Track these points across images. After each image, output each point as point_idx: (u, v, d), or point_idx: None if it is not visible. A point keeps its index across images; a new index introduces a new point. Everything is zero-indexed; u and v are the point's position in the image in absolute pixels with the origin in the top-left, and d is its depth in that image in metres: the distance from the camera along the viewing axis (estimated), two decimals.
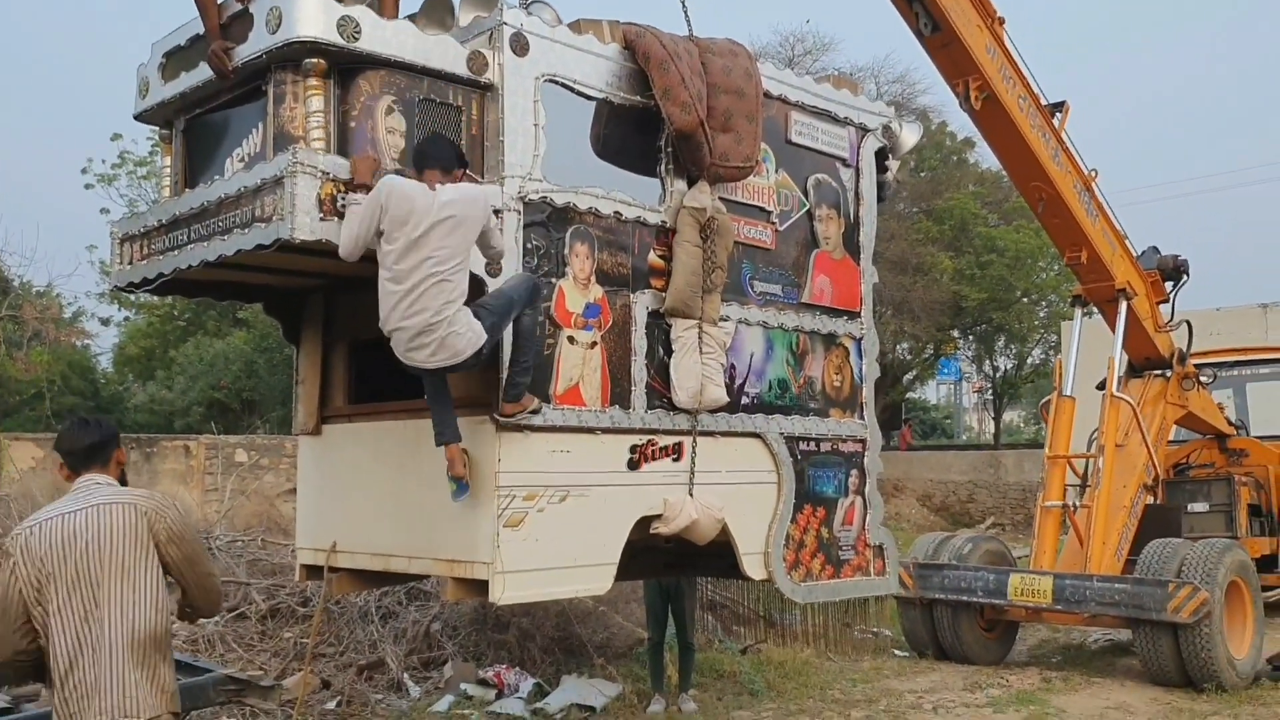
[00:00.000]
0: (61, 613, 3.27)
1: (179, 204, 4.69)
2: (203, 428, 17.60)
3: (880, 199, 6.65)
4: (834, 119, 6.26)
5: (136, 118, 5.25)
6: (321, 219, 4.06)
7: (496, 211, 4.55)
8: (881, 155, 6.60)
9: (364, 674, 7.74)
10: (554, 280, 4.81)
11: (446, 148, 4.45)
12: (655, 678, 7.76)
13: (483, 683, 7.77)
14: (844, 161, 6.34)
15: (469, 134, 4.68)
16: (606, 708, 7.51)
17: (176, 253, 4.67)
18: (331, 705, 7.29)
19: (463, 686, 7.67)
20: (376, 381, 5.58)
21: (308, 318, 5.82)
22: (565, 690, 7.68)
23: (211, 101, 4.86)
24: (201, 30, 4.72)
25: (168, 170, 5.25)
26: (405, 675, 7.75)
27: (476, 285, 4.53)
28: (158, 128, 5.30)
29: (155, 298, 24.64)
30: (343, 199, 4.19)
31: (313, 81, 4.28)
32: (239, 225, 4.28)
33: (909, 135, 6.97)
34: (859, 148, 6.42)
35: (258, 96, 4.54)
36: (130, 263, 5.02)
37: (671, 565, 6.95)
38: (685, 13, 5.61)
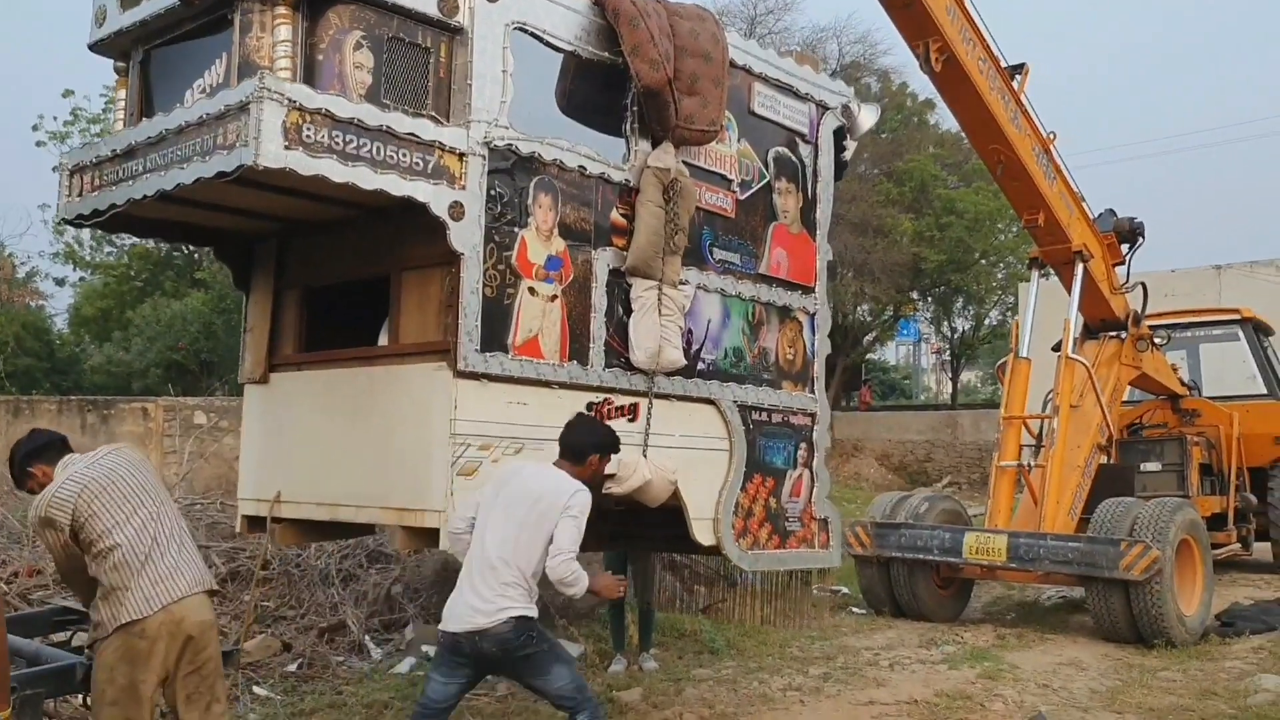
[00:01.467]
0: (131, 520, 3.96)
1: (135, 133, 4.56)
2: (161, 390, 17.26)
3: (837, 177, 6.71)
4: (796, 94, 6.29)
5: (91, 48, 5.09)
6: (287, 147, 3.97)
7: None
8: (840, 134, 6.65)
9: (325, 636, 7.66)
10: (516, 230, 4.77)
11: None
12: (616, 638, 7.79)
13: None
14: (804, 137, 6.37)
15: (436, 76, 4.62)
16: None
17: (131, 183, 4.54)
18: (293, 668, 7.20)
19: (424, 648, 7.62)
20: (329, 328, 5.50)
21: (259, 263, 5.71)
22: None
23: (172, 32, 4.74)
24: None
25: (122, 103, 5.11)
26: (366, 637, 7.69)
27: (441, 229, 4.49)
28: (114, 60, 5.15)
29: (111, 256, 24.28)
30: None
31: (281, 10, 4.20)
32: (199, 153, 4.16)
33: (867, 116, 7.04)
34: (818, 125, 6.46)
35: (221, 28, 4.43)
36: (80, 194, 4.86)
37: (616, 537, 6.96)
38: None
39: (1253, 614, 9.56)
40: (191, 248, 22.19)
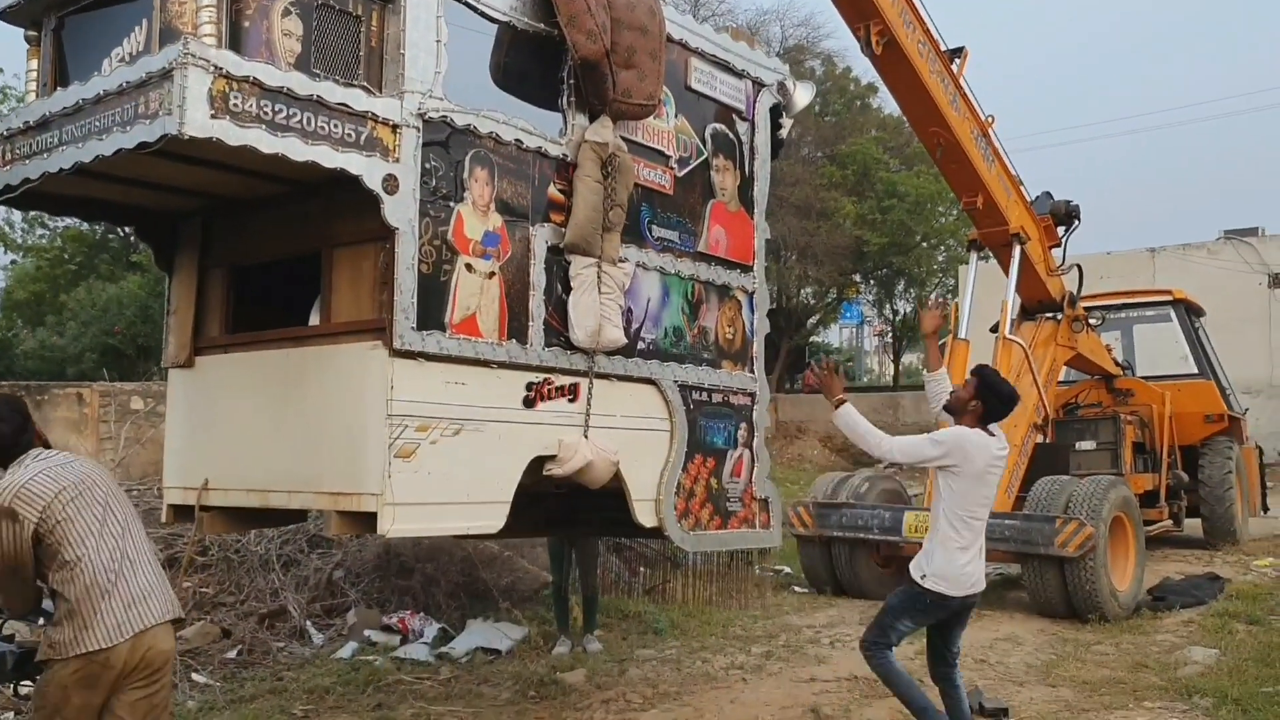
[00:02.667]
0: (102, 534, 3.72)
1: (49, 103, 4.34)
2: (96, 375, 16.74)
3: (773, 156, 6.67)
4: (732, 70, 6.24)
5: (1, 15, 4.86)
6: (213, 116, 3.79)
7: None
8: (776, 112, 6.62)
9: (265, 622, 7.53)
10: (452, 204, 4.64)
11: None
12: (560, 620, 7.75)
13: (387, 629, 7.66)
14: (740, 114, 6.32)
15: (368, 45, 4.47)
16: (512, 651, 7.47)
17: (46, 156, 4.32)
18: (232, 654, 7.06)
19: (366, 633, 7.53)
20: (258, 309, 5.33)
21: (183, 242, 5.51)
22: (470, 634, 7.61)
23: None
24: None
25: (34, 75, 4.89)
26: (308, 623, 7.56)
27: (374, 204, 4.36)
28: (24, 29, 4.93)
29: (44, 239, 23.57)
30: None
31: None
32: (120, 123, 3.97)
33: (802, 94, 7.02)
34: (755, 101, 6.41)
35: None
36: None
37: (556, 522, 6.89)
38: None
39: (1183, 588, 9.77)
40: (127, 230, 21.67)
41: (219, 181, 4.78)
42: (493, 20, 4.94)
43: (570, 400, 5.19)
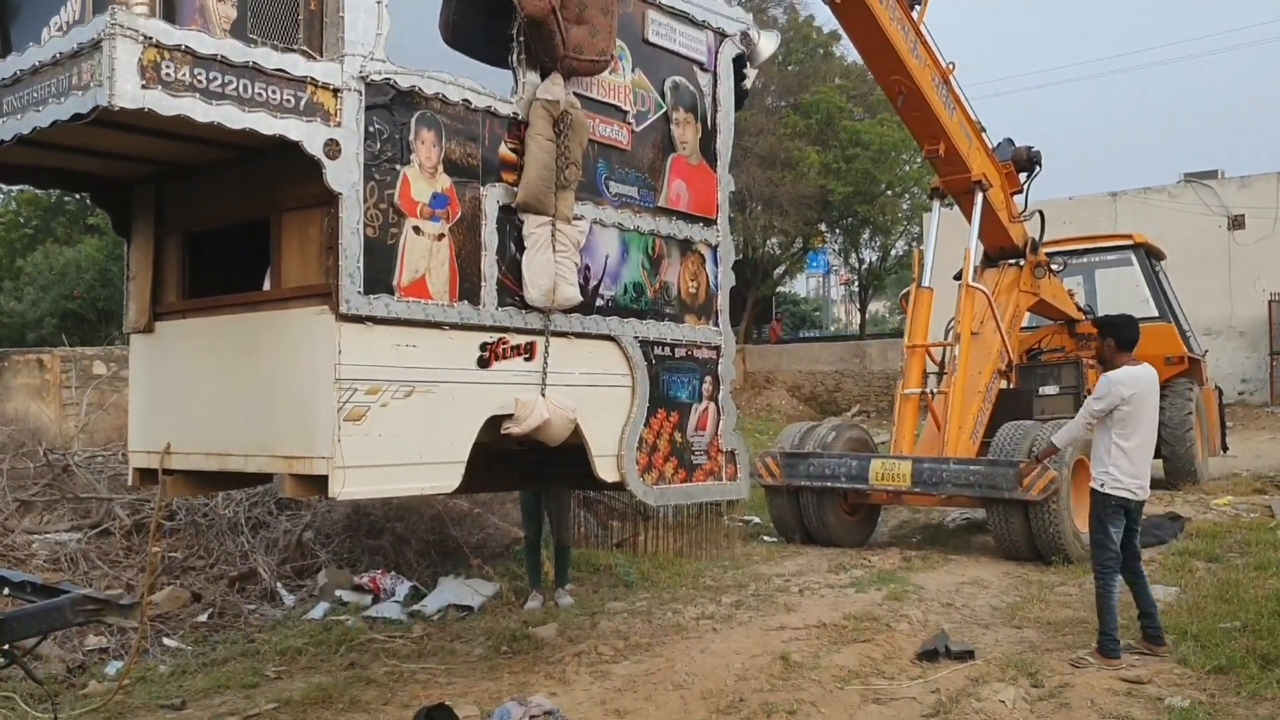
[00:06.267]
0: None
1: None
2: (56, 340, 16.71)
3: (738, 106, 6.63)
4: (692, 21, 6.19)
5: None
6: (144, 87, 3.78)
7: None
8: (739, 62, 6.57)
9: (236, 585, 7.59)
10: (398, 167, 4.64)
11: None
12: (532, 575, 7.83)
13: (358, 588, 7.72)
14: (701, 66, 6.28)
15: (307, 9, 4.44)
16: (484, 607, 7.55)
17: None
18: (203, 618, 7.13)
19: (338, 593, 7.58)
20: (215, 273, 5.34)
21: (138, 208, 5.51)
22: (442, 592, 7.67)
23: None
24: None
25: None
26: (278, 584, 7.63)
27: (318, 168, 4.36)
28: None
29: None
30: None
31: None
32: (54, 95, 3.96)
33: (766, 44, 6.95)
34: (717, 53, 6.36)
35: None
36: None
37: (528, 476, 6.94)
38: None
39: (1144, 528, 9.84)
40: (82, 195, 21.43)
41: (165, 149, 4.77)
42: None
43: (526, 359, 5.22)
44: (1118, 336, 6.48)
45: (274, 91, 4.19)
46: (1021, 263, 10.86)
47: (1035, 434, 8.80)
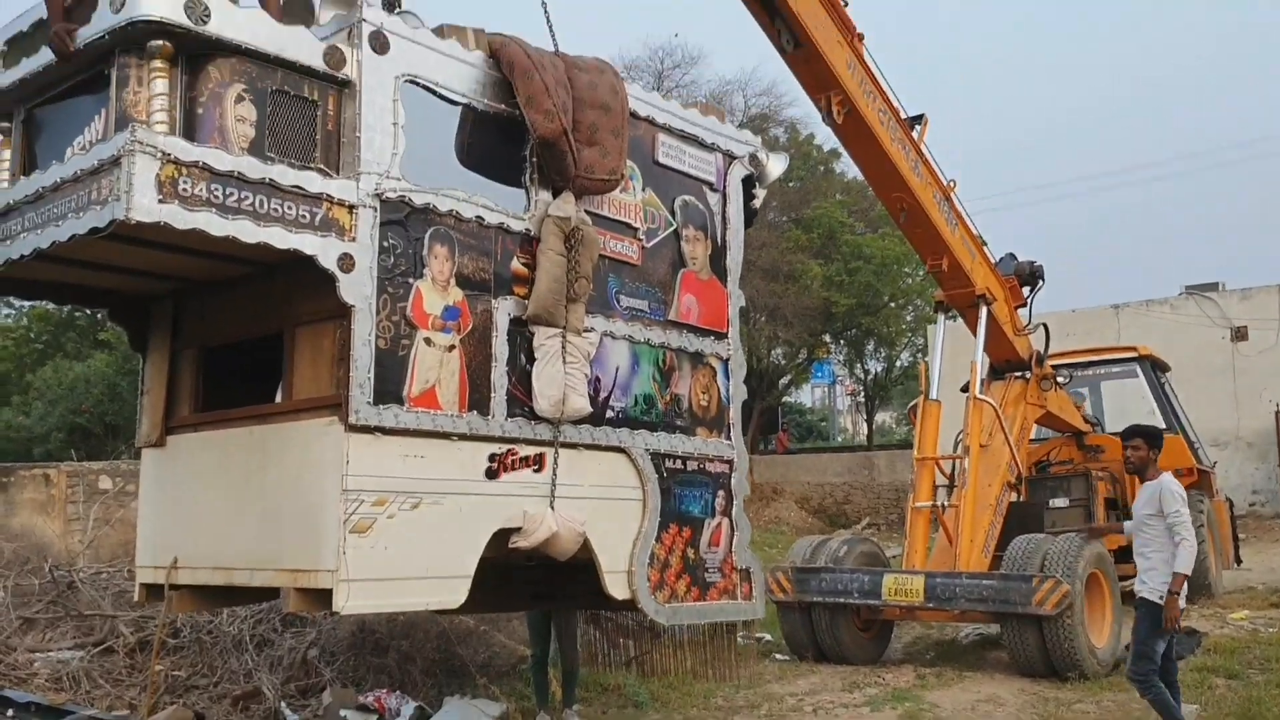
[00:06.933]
0: None
1: (13, 192, 4.46)
2: (63, 454, 16.66)
3: (747, 225, 6.75)
4: (702, 144, 6.34)
5: None
6: (161, 201, 3.88)
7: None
8: (749, 183, 6.71)
9: (239, 704, 7.39)
10: (411, 280, 4.71)
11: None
12: (539, 694, 7.62)
13: (363, 708, 7.50)
14: (711, 186, 6.41)
15: (324, 129, 4.58)
16: None
17: (9, 243, 4.42)
18: None
19: (343, 713, 7.38)
20: (229, 387, 5.37)
21: (155, 324, 5.58)
22: (448, 712, 7.45)
23: (53, 89, 4.66)
24: (45, 15, 4.54)
25: (6, 165, 5.00)
26: (283, 704, 7.43)
27: (332, 282, 4.43)
28: None
29: (9, 318, 23.58)
30: None
31: (158, 64, 4.13)
32: (74, 210, 4.07)
33: (775, 165, 7.12)
34: (726, 173, 6.51)
35: (101, 85, 4.36)
36: None
37: (540, 596, 6.83)
38: (550, 28, 5.65)
39: None
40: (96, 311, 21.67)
41: (184, 264, 4.86)
42: (453, 103, 5.05)
43: (535, 470, 5.20)
44: (1160, 446, 6.33)
45: (290, 207, 4.28)
46: (1027, 375, 10.87)
47: (1047, 547, 8.69)
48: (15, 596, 8.14)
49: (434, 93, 4.95)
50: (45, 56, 4.51)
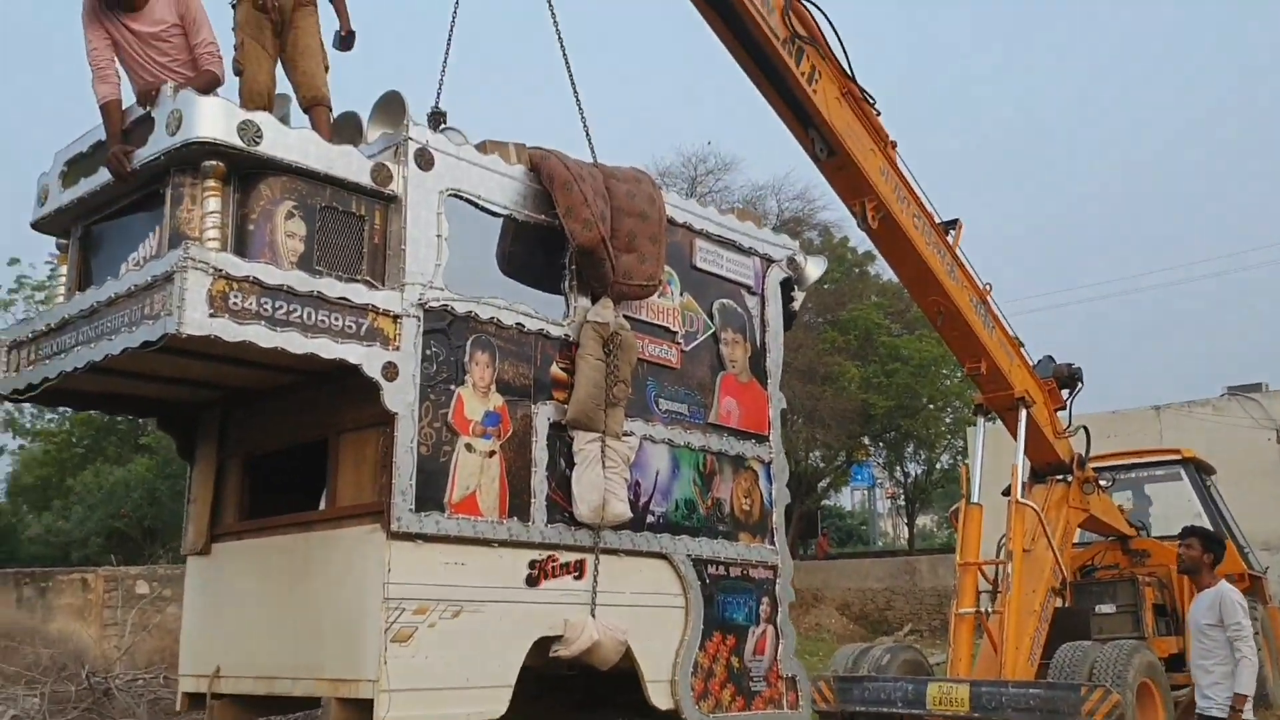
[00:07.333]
0: None
1: (69, 306, 4.62)
2: (102, 559, 16.75)
3: (787, 327, 6.78)
4: (739, 249, 6.42)
5: (34, 226, 5.20)
6: (212, 315, 4.00)
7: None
8: (787, 285, 6.77)
9: None
10: (453, 387, 4.77)
11: None
12: None
13: None
14: (749, 289, 6.47)
15: (371, 243, 4.70)
16: None
17: (64, 356, 4.56)
18: None
19: None
20: (274, 495, 5.43)
21: (202, 432, 5.67)
22: None
23: (110, 207, 4.85)
24: (103, 137, 4.74)
25: (63, 280, 5.18)
26: None
27: (375, 390, 4.50)
28: (55, 237, 5.25)
29: (53, 423, 23.99)
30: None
31: (211, 183, 4.29)
32: (127, 324, 4.20)
33: (814, 268, 7.19)
34: (764, 277, 6.57)
35: (156, 203, 4.53)
36: (17, 369, 4.87)
37: (582, 704, 6.71)
38: (589, 139, 5.82)
39: None
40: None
41: (234, 374, 4.96)
42: (494, 214, 5.17)
43: (576, 577, 5.18)
44: (1218, 553, 6.39)
45: (336, 318, 4.39)
46: (1069, 478, 10.73)
47: (1095, 655, 8.47)
48: (52, 704, 8.13)
49: (476, 205, 5.08)
50: (103, 176, 4.71)
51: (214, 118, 4.26)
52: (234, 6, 5.17)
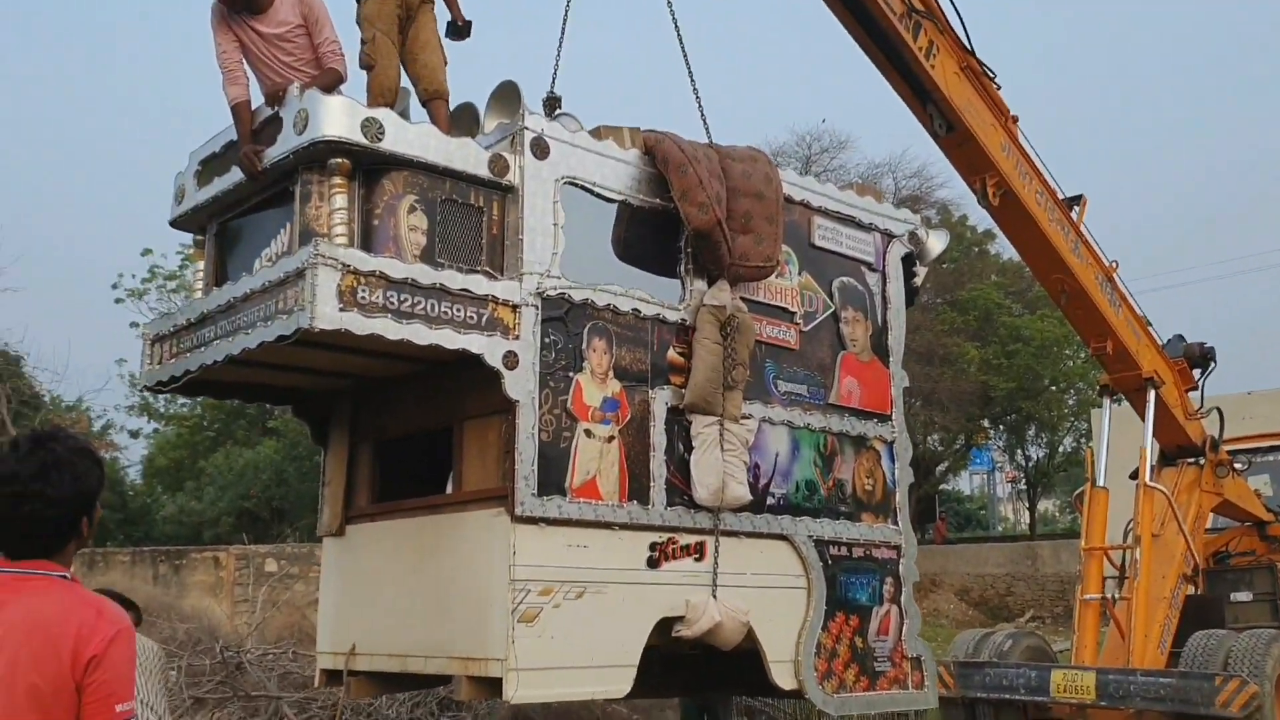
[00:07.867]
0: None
1: (207, 302, 4.84)
2: (232, 538, 17.49)
3: (909, 304, 6.66)
4: (859, 225, 6.33)
5: (172, 223, 5.45)
6: (341, 309, 4.15)
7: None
8: (909, 261, 6.64)
9: None
10: (571, 374, 4.85)
11: None
12: None
13: None
14: (869, 266, 6.38)
15: (489, 233, 4.79)
16: None
17: (203, 350, 4.79)
18: None
19: None
20: (404, 478, 5.61)
21: (335, 420, 5.88)
22: None
23: (242, 205, 5.05)
24: (235, 137, 4.94)
25: (201, 275, 5.42)
26: None
27: (497, 378, 4.61)
28: (192, 234, 5.50)
29: (185, 408, 25.14)
30: None
31: (337, 180, 4.44)
32: (262, 319, 4.38)
33: (935, 242, 7.02)
34: (885, 253, 6.46)
35: (286, 200, 4.70)
36: (160, 362, 5.14)
37: (702, 681, 6.77)
38: (704, 120, 5.78)
39: None
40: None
41: (361, 364, 5.13)
42: (609, 200, 5.21)
43: (697, 559, 5.21)
44: None
45: (458, 310, 4.50)
46: (1201, 461, 10.29)
47: (1230, 644, 8.14)
48: (188, 676, 8.52)
49: (592, 192, 5.12)
50: (235, 175, 4.91)
51: (338, 116, 4.40)
52: (359, 2, 5.30)
